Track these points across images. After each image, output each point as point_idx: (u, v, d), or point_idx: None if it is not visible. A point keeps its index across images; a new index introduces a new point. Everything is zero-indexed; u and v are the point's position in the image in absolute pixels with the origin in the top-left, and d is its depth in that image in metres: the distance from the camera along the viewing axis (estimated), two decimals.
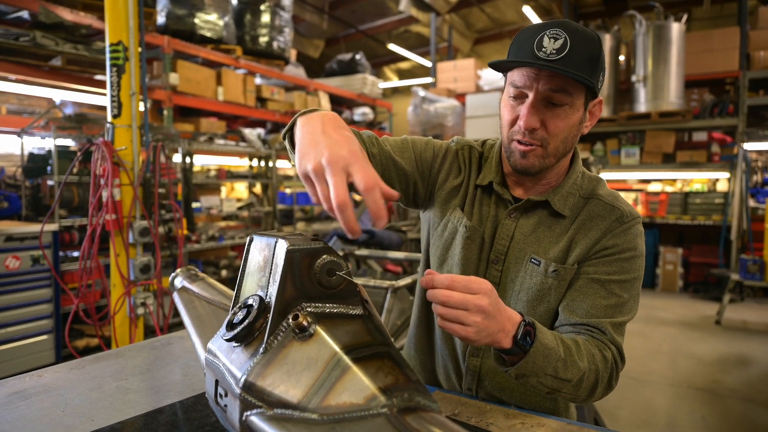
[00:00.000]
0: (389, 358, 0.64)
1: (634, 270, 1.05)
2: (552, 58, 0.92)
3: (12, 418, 0.92)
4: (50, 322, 3.48)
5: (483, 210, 1.14)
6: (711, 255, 6.82)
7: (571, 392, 0.94)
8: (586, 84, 0.94)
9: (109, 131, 2.86)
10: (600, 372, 0.95)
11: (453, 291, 0.79)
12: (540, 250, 1.07)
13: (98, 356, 1.27)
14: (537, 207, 1.10)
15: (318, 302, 0.69)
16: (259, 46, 6.14)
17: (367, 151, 1.04)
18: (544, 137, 0.99)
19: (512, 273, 1.09)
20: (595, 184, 1.12)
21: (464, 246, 1.12)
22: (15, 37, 3.77)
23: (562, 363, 0.90)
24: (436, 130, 8.10)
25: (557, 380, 0.91)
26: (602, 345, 0.99)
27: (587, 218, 1.07)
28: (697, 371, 3.98)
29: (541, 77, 0.95)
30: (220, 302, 1.11)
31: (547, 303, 1.06)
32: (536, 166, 1.02)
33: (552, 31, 0.93)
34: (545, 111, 0.98)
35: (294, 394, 0.61)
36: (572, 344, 0.94)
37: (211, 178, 5.41)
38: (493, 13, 10.22)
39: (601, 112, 1.08)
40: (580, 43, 0.93)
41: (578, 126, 1.02)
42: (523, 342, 0.86)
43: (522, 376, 0.89)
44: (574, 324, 1.02)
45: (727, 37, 6.82)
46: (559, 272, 1.05)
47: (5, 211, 3.85)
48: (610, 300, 1.02)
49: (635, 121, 6.91)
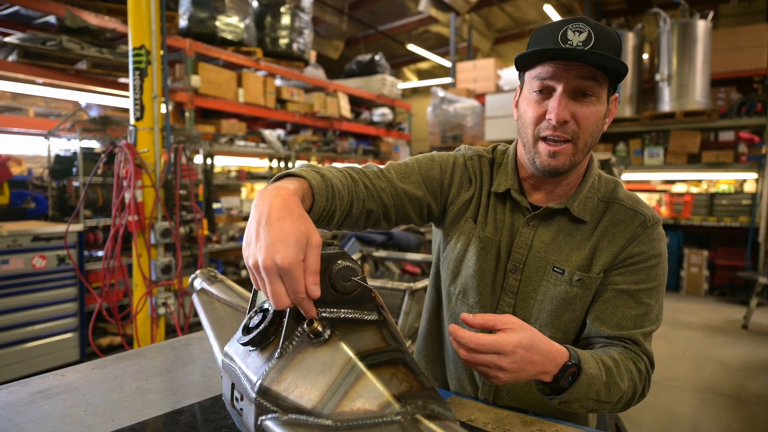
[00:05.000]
0: (404, 365, 0.63)
1: (660, 276, 1.04)
2: (579, 47, 0.91)
3: (35, 417, 0.94)
4: (75, 321, 3.56)
5: (497, 218, 1.12)
6: (737, 257, 6.66)
7: (609, 409, 0.96)
8: (620, 70, 0.93)
9: (131, 134, 2.91)
10: (637, 386, 0.97)
11: (477, 353, 0.79)
12: (562, 259, 1.05)
13: (119, 356, 1.29)
14: (556, 214, 1.07)
15: (333, 307, 0.69)
16: (279, 48, 6.19)
17: (375, 185, 1.04)
18: (575, 131, 0.96)
19: (534, 282, 1.07)
20: (613, 187, 1.09)
21: (479, 257, 1.10)
22: (42, 41, 3.87)
23: (604, 387, 0.91)
24: (456, 131, 8.07)
25: (599, 403, 0.92)
26: (636, 357, 0.99)
27: (610, 224, 1.05)
28: (723, 377, 3.89)
29: (571, 68, 0.93)
30: (238, 305, 1.12)
31: (572, 312, 1.05)
32: (566, 165, 0.99)
33: (575, 25, 0.93)
34: (574, 103, 0.96)
35: (308, 399, 0.61)
36: (612, 364, 0.93)
37: (232, 179, 5.46)
38: (514, 12, 10.14)
39: (616, 109, 1.06)
40: (603, 36, 0.92)
41: (603, 120, 1.00)
42: (565, 383, 0.87)
43: (565, 403, 0.90)
44: (607, 337, 1.01)
45: (756, 34, 6.65)
46: (584, 281, 1.03)
47: (32, 212, 3.94)
48: (639, 309, 1.01)
49: (659, 121, 6.78)
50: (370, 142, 8.25)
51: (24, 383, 1.11)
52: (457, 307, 1.16)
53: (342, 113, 7.20)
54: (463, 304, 1.14)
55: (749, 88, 7.29)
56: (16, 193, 3.95)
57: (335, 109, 7.06)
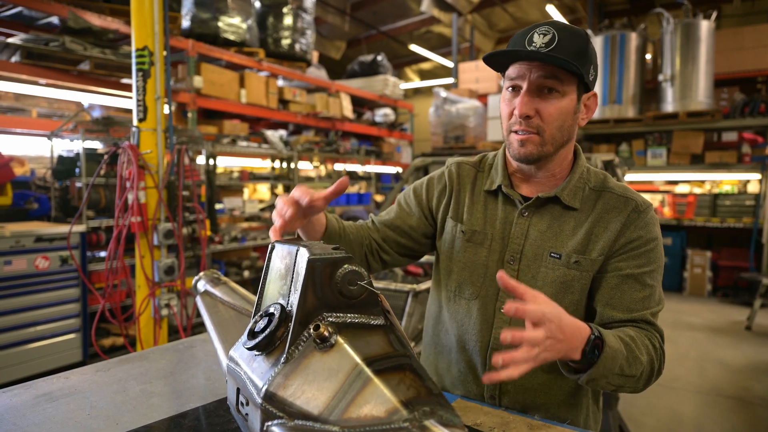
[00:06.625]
0: (411, 370, 0.63)
1: (659, 258, 1.09)
2: (542, 50, 0.99)
3: (39, 420, 0.94)
4: (77, 321, 3.56)
5: (489, 213, 1.18)
6: (741, 258, 6.64)
7: (633, 385, 0.98)
8: (574, 71, 0.99)
9: (134, 135, 2.91)
10: (654, 361, 1.00)
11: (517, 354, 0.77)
12: (558, 245, 1.10)
13: (123, 359, 1.29)
14: (548, 203, 1.13)
15: (339, 312, 0.68)
16: (281, 49, 6.18)
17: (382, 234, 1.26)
18: (540, 125, 1.04)
19: (532, 270, 1.11)
20: (603, 178, 1.15)
21: (466, 249, 1.17)
22: (45, 42, 3.87)
23: (626, 361, 0.93)
24: (458, 131, 8.05)
25: (623, 377, 0.94)
26: (650, 335, 1.03)
27: (603, 211, 1.10)
28: (727, 378, 3.87)
29: (534, 67, 1.02)
30: (242, 307, 1.11)
31: (572, 295, 1.09)
32: (534, 153, 1.06)
33: (542, 28, 1.02)
34: (538, 100, 1.03)
35: (315, 405, 0.61)
36: (629, 340, 0.97)
37: (234, 179, 5.46)
38: (516, 12, 10.12)
39: (596, 106, 1.13)
40: (568, 37, 1.00)
41: (572, 115, 1.07)
42: (591, 355, 0.88)
43: (592, 381, 0.92)
44: (619, 321, 1.05)
45: (759, 35, 6.63)
46: (580, 263, 1.08)
47: (35, 212, 3.94)
48: (645, 292, 1.05)
49: (662, 121, 6.76)
50: (372, 143, 8.24)
51: (27, 386, 1.11)
52: (457, 305, 1.18)
53: (344, 114, 7.20)
54: (461, 299, 1.17)
55: (752, 88, 7.27)
56: (19, 194, 3.95)
57: (337, 110, 7.06)
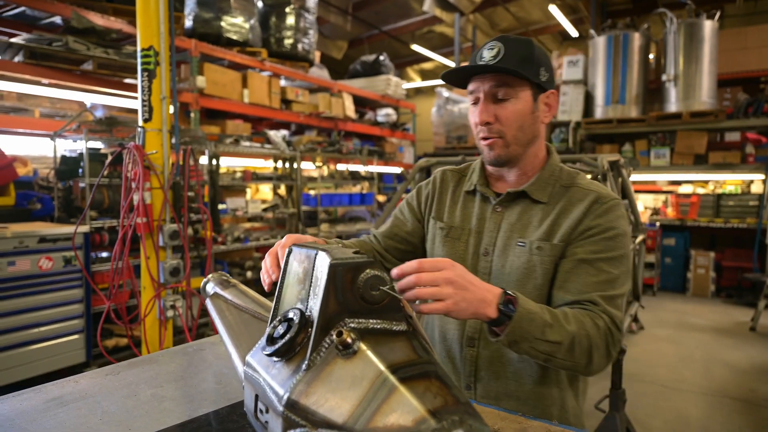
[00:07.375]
0: (436, 378, 0.62)
1: (619, 248, 1.11)
2: (490, 62, 1.11)
3: (50, 425, 0.93)
4: (81, 322, 3.54)
5: (467, 210, 1.29)
6: (745, 259, 6.62)
7: (567, 358, 0.98)
8: (518, 75, 1.10)
9: (140, 135, 2.89)
10: (592, 337, 0.99)
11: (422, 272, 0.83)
12: (526, 234, 1.18)
13: (132, 362, 1.27)
14: (518, 198, 1.22)
15: (361, 318, 0.67)
16: (284, 49, 6.17)
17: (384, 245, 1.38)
18: (500, 129, 1.16)
19: (502, 260, 1.19)
20: (575, 176, 1.23)
21: (445, 244, 1.27)
22: (48, 42, 3.86)
23: (548, 327, 0.95)
24: (460, 131, 8.04)
25: (547, 344, 0.95)
26: (594, 315, 1.03)
27: (568, 203, 1.17)
28: (732, 380, 3.86)
29: (485, 78, 1.14)
30: (255, 311, 1.10)
31: (534, 280, 1.14)
32: (502, 155, 1.18)
33: (490, 44, 1.14)
34: (495, 107, 1.15)
35: (339, 413, 0.59)
36: (560, 313, 0.99)
37: (237, 179, 5.44)
38: (519, 12, 10.10)
39: (557, 102, 1.23)
40: (513, 48, 1.11)
41: (530, 115, 1.16)
42: (505, 309, 0.91)
43: (514, 343, 0.94)
44: (568, 303, 1.08)
45: (762, 35, 6.61)
46: (542, 248, 1.14)
47: (38, 213, 3.93)
48: (598, 277, 1.08)
49: (665, 122, 6.74)
50: (374, 143, 8.23)
51: (38, 390, 1.10)
52: None
53: (346, 114, 7.18)
54: None
55: (756, 88, 7.24)
56: (21, 194, 3.93)
57: (340, 110, 7.04)
